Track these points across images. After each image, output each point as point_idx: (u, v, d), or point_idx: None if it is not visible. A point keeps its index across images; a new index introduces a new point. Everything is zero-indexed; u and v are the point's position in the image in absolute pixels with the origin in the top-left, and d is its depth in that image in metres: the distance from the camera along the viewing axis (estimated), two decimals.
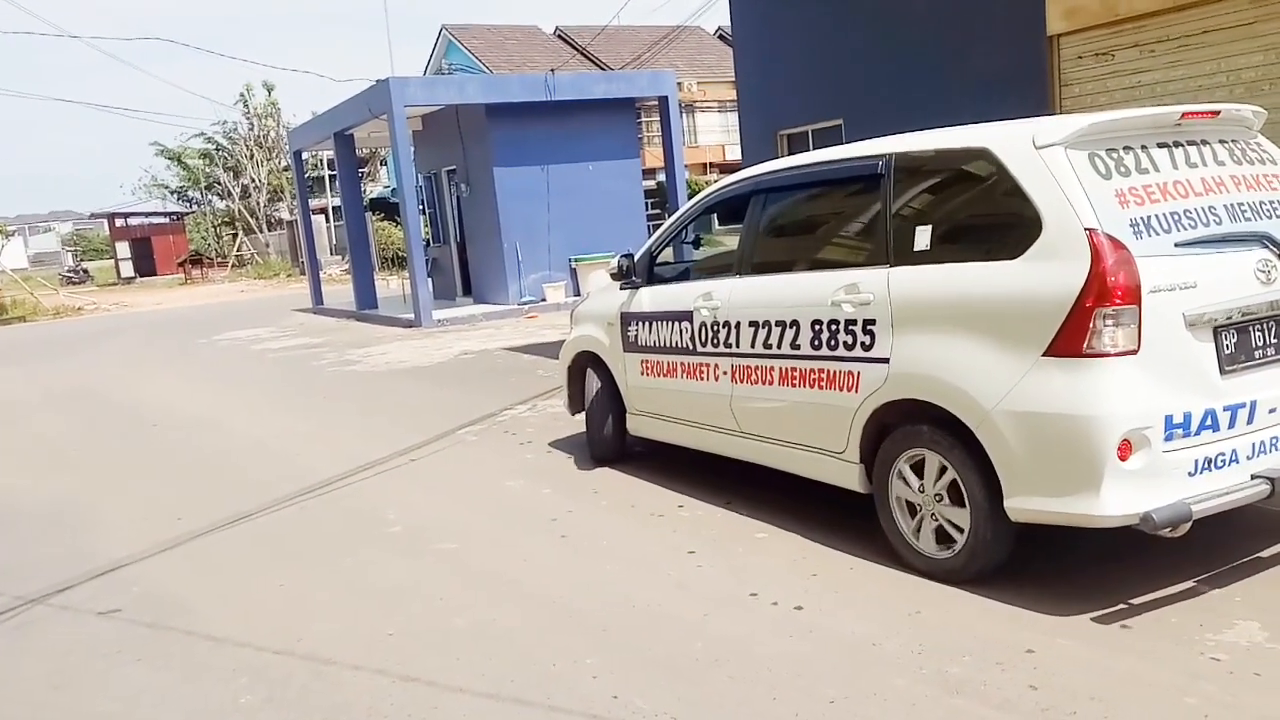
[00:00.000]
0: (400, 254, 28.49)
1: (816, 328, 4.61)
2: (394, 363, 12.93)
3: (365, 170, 40.36)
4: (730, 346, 5.17)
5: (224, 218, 46.11)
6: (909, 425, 4.25)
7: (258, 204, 43.76)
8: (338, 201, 28.23)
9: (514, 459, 7.09)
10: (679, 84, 23.50)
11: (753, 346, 5.01)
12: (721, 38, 46.84)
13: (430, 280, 17.90)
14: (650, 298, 5.88)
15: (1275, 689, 3.15)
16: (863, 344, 4.37)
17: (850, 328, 4.43)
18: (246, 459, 7.98)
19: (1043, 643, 3.59)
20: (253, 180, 43.53)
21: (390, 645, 4.16)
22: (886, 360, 4.26)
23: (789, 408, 4.85)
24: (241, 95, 43.55)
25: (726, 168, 42.39)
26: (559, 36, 42.22)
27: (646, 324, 5.86)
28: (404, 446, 7.67)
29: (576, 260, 17.95)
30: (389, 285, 23.48)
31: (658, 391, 5.88)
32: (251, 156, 43.41)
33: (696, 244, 6.89)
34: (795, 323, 4.74)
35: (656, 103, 18.88)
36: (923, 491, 4.23)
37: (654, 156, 24.98)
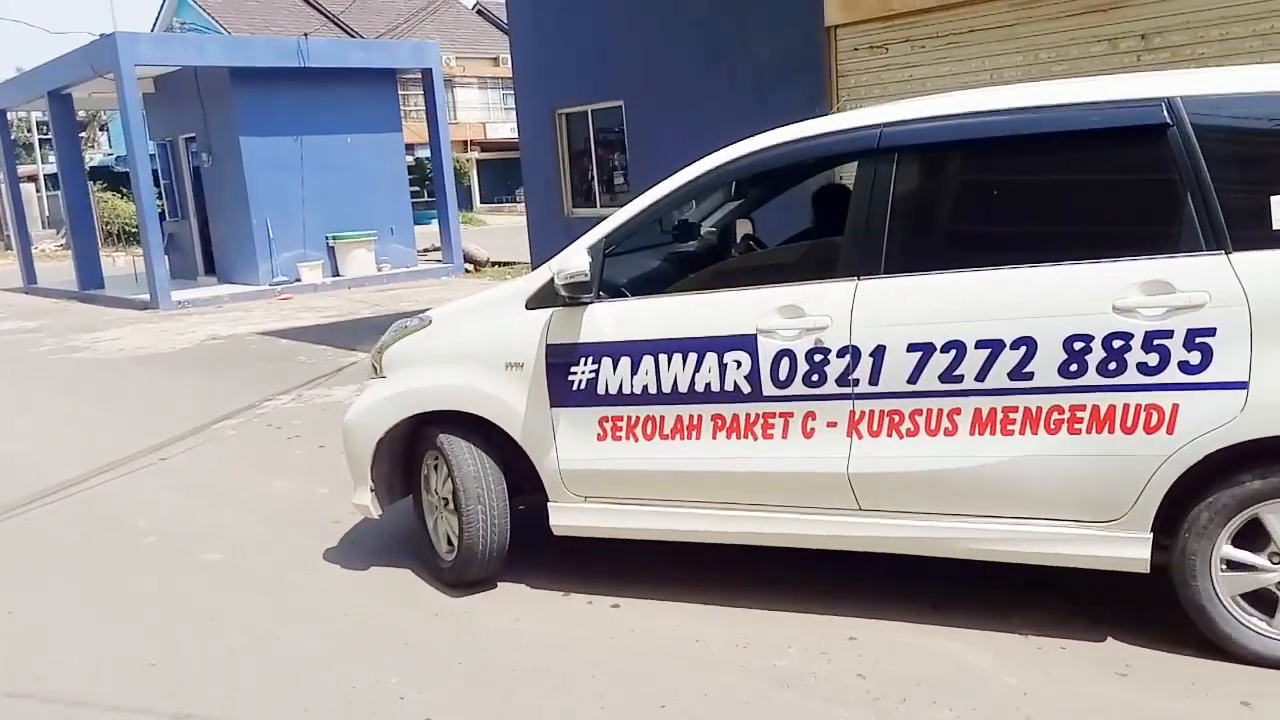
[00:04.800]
0: (128, 228, 26.00)
1: (1078, 346, 3.16)
2: (130, 349, 11.68)
3: (84, 135, 36.53)
4: (853, 384, 3.45)
5: None
6: (1254, 473, 3.09)
7: None
8: (51, 168, 25.32)
9: (282, 455, 6.50)
10: None
11: (912, 382, 3.37)
12: (480, 12, 45.96)
13: (167, 258, 16.39)
14: (619, 318, 3.83)
15: (1080, 658, 3.30)
16: (1184, 364, 3.06)
17: (1156, 342, 3.09)
18: None
19: (863, 629, 3.60)
20: None
21: (155, 676, 3.63)
22: (1242, 385, 3.01)
23: (998, 467, 3.31)
24: None
25: (488, 145, 41.73)
26: (306, 1, 39.96)
27: (618, 360, 3.80)
28: (152, 444, 6.87)
29: (334, 238, 17.00)
30: (116, 263, 21.36)
31: (646, 465, 3.83)
32: None
33: (685, 234, 4.80)
34: (1026, 341, 3.21)
35: (419, 76, 18.14)
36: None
37: (413, 132, 24.10)
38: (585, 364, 3.85)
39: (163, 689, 3.52)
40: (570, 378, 3.88)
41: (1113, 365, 3.13)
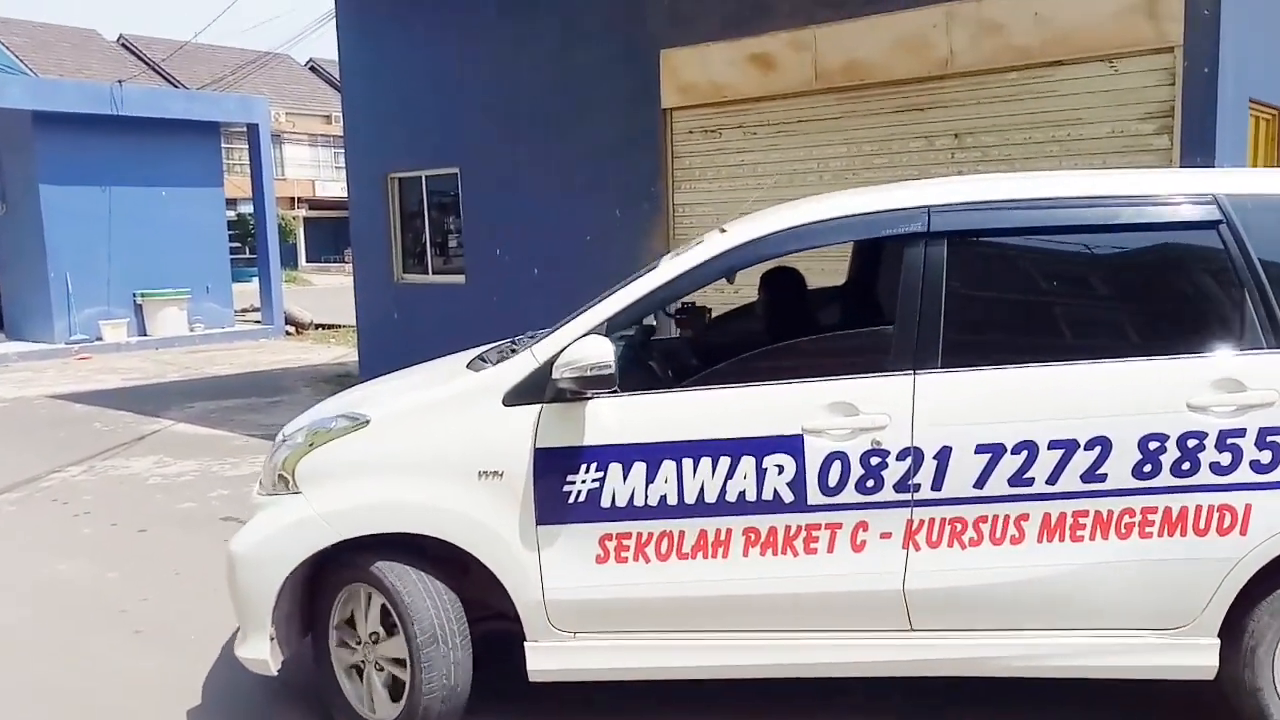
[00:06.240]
0: None
1: (1153, 446, 3.04)
2: None
3: None
4: (913, 490, 3.12)
5: None
6: None
7: None
8: None
9: (69, 535, 5.89)
10: None
11: (979, 486, 3.09)
12: (313, 69, 45.08)
13: None
14: (626, 417, 3.25)
15: None
16: (1255, 464, 3.01)
17: (1229, 441, 3.02)
18: None
19: None
20: None
21: None
22: None
23: (1067, 577, 3.09)
24: None
25: (317, 203, 40.62)
26: (123, 46, 38.22)
27: (629, 466, 3.22)
28: None
29: (143, 295, 16.01)
30: None
31: (659, 591, 3.24)
32: None
33: (687, 316, 4.40)
34: (1100, 440, 3.05)
35: (244, 130, 17.49)
36: None
37: (235, 186, 23.19)
38: (587, 471, 3.22)
39: None
40: (566, 488, 3.22)
41: (1186, 465, 3.02)
